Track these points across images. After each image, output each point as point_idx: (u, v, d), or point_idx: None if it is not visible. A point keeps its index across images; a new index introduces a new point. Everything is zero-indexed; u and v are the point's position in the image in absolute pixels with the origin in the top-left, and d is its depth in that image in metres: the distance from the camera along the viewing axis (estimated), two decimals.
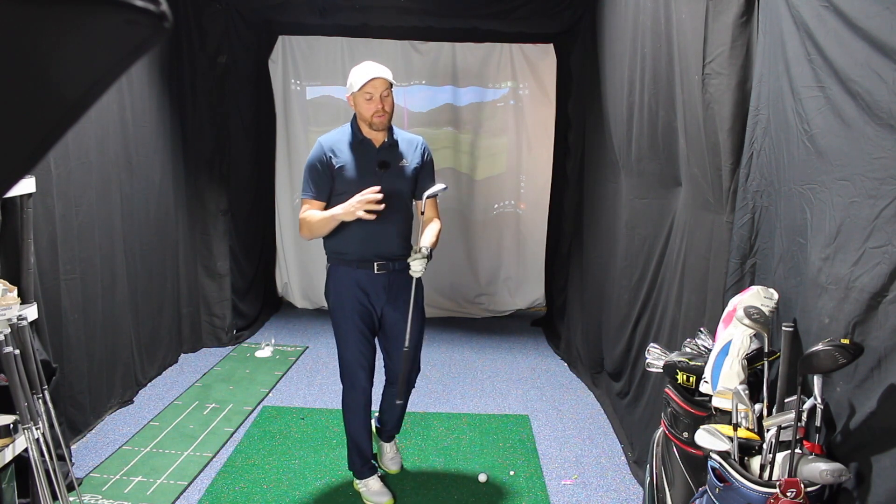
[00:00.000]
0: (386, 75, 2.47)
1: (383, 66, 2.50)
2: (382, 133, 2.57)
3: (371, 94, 2.46)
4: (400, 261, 2.58)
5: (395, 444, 3.05)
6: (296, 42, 5.13)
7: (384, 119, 2.51)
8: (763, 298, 1.75)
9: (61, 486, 2.22)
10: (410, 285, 2.54)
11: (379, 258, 2.57)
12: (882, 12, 1.34)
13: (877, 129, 1.37)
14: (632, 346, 3.18)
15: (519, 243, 5.47)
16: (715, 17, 2.11)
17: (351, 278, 2.58)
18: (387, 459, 3.01)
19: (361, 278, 2.58)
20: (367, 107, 2.48)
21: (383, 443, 3.02)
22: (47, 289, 2.83)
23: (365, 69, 2.48)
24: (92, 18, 0.37)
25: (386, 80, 2.47)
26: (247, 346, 4.61)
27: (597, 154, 3.89)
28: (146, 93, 3.79)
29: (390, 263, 2.58)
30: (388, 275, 2.59)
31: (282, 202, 5.39)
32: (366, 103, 2.48)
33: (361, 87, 2.45)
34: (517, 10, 4.22)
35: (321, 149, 2.58)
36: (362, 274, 2.57)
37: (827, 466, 1.39)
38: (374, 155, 2.56)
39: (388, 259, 2.58)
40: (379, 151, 2.57)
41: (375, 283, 2.59)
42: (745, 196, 2.01)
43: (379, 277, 2.58)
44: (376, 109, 2.48)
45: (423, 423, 3.47)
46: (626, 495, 2.84)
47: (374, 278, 2.58)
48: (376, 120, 2.50)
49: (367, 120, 2.51)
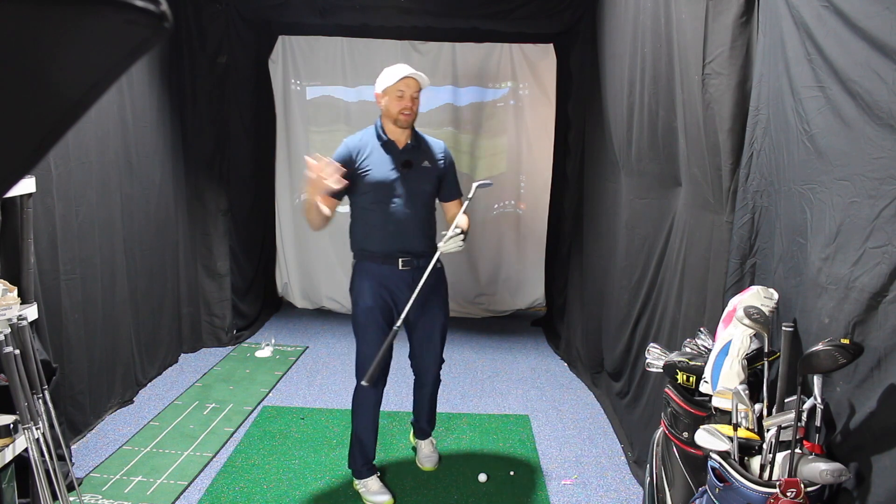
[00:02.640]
0: (419, 77, 2.56)
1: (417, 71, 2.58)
2: (406, 134, 2.63)
3: (403, 92, 2.54)
4: (424, 257, 2.60)
5: (431, 442, 3.08)
6: (296, 42, 5.13)
7: (409, 118, 2.57)
8: (763, 298, 1.75)
9: (61, 486, 2.22)
10: (436, 282, 2.63)
11: (403, 254, 2.61)
12: (882, 12, 1.34)
13: (877, 129, 1.37)
14: (632, 346, 3.18)
15: (519, 243, 5.47)
16: (715, 18, 2.11)
17: (375, 274, 2.62)
18: (422, 457, 3.04)
19: (385, 274, 2.61)
20: (396, 103, 2.55)
21: (418, 440, 3.08)
22: (47, 289, 2.83)
23: (401, 68, 2.57)
24: (92, 18, 0.37)
25: (419, 82, 2.56)
26: (247, 346, 4.61)
27: (597, 154, 3.89)
28: (146, 93, 3.79)
29: (415, 260, 2.62)
30: (412, 271, 2.61)
31: (282, 202, 5.39)
32: (396, 100, 2.55)
33: (395, 83, 2.53)
34: (517, 10, 4.22)
35: (346, 149, 2.63)
36: (386, 269, 2.61)
37: (827, 466, 1.39)
38: (398, 155, 2.61)
39: (413, 255, 2.62)
40: (402, 152, 2.62)
41: (399, 279, 2.62)
42: (745, 196, 2.01)
43: (403, 274, 2.62)
44: (404, 107, 2.55)
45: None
46: (626, 495, 2.84)
47: (399, 274, 2.62)
48: (402, 117, 2.56)
49: (393, 116, 2.57)
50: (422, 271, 2.55)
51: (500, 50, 5.11)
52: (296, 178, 5.35)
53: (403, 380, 3.68)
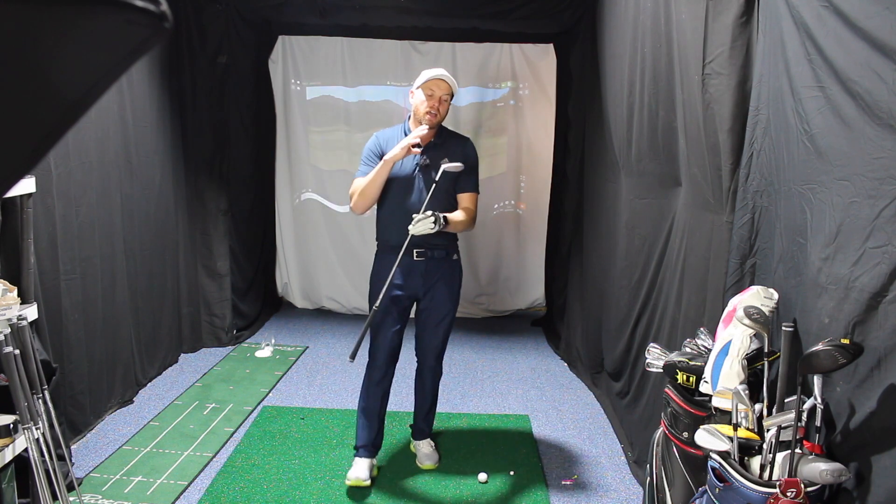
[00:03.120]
0: (450, 81, 2.70)
1: (450, 76, 2.72)
2: (430, 133, 2.77)
3: (432, 92, 2.69)
4: (439, 249, 2.77)
5: (429, 443, 3.10)
6: (296, 42, 5.13)
7: (433, 119, 2.71)
8: (763, 298, 1.75)
9: (61, 486, 2.22)
10: (449, 274, 2.82)
11: (418, 246, 2.72)
12: (882, 12, 1.34)
13: (877, 129, 1.37)
14: (632, 346, 3.18)
15: (519, 243, 5.47)
16: (715, 17, 2.11)
17: (391, 263, 2.71)
18: (422, 456, 3.06)
19: (402, 263, 2.70)
20: (423, 102, 2.70)
21: (417, 441, 3.10)
22: (47, 289, 2.83)
23: (435, 70, 2.72)
24: (92, 19, 0.37)
25: (449, 86, 2.70)
26: (247, 346, 4.61)
27: (597, 154, 3.89)
28: (146, 93, 3.79)
29: (429, 251, 2.76)
30: (426, 262, 2.78)
31: (282, 202, 5.39)
32: (424, 99, 2.70)
33: (426, 82, 2.67)
34: (517, 10, 4.22)
35: (376, 140, 2.84)
36: (403, 259, 2.69)
37: (827, 466, 1.39)
38: (420, 153, 2.72)
39: (428, 247, 2.75)
40: (425, 150, 2.74)
41: (413, 269, 2.77)
42: (745, 196, 2.01)
43: (417, 264, 2.77)
44: (430, 107, 2.69)
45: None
46: (626, 495, 2.84)
47: (413, 264, 2.77)
48: (427, 116, 2.70)
49: (419, 115, 2.72)
50: (437, 262, 2.78)
51: (500, 50, 5.11)
52: (296, 178, 5.35)
53: (404, 380, 3.68)
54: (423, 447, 3.08)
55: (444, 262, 2.80)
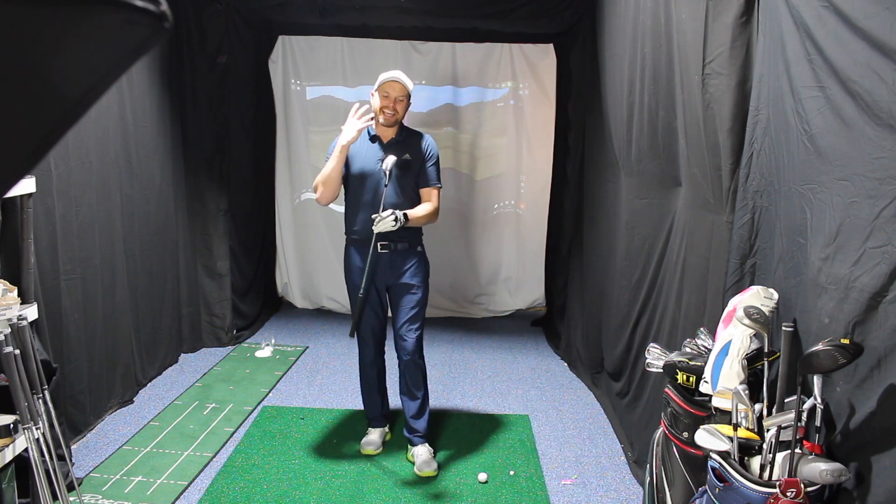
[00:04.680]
0: (404, 81, 2.86)
1: (405, 76, 2.88)
2: (392, 130, 2.93)
3: (388, 94, 2.86)
4: (402, 242, 2.92)
5: (428, 450, 3.06)
6: (296, 42, 5.13)
7: (389, 118, 2.88)
8: (763, 298, 1.75)
9: (61, 486, 2.22)
10: (415, 263, 2.96)
11: (381, 238, 2.85)
12: (882, 12, 1.34)
13: (877, 129, 1.37)
14: (632, 346, 3.18)
15: (519, 243, 5.47)
16: (715, 17, 2.11)
17: (358, 256, 2.95)
18: (420, 463, 2.99)
19: (367, 256, 2.85)
20: (380, 103, 2.87)
21: (413, 448, 3.08)
22: (47, 289, 2.83)
23: (390, 72, 2.89)
24: (92, 19, 0.37)
25: (403, 86, 2.86)
26: (247, 346, 4.61)
27: (597, 154, 3.89)
28: (146, 93, 3.79)
29: (393, 244, 2.90)
30: (390, 254, 2.92)
31: (282, 202, 5.39)
32: (380, 100, 2.87)
33: (381, 85, 2.86)
34: (517, 10, 4.21)
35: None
36: (367, 252, 2.84)
37: (827, 466, 1.39)
38: (382, 149, 2.90)
39: (391, 240, 2.88)
40: (386, 147, 2.91)
41: (379, 260, 2.91)
42: (745, 196, 2.01)
43: (382, 256, 2.91)
44: (385, 105, 2.86)
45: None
46: (626, 495, 2.84)
47: (378, 256, 2.90)
48: (383, 115, 2.87)
49: (377, 114, 2.88)
50: (401, 254, 2.94)
51: (500, 50, 5.11)
52: (296, 178, 5.35)
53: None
54: (420, 454, 3.03)
55: (407, 252, 2.95)
